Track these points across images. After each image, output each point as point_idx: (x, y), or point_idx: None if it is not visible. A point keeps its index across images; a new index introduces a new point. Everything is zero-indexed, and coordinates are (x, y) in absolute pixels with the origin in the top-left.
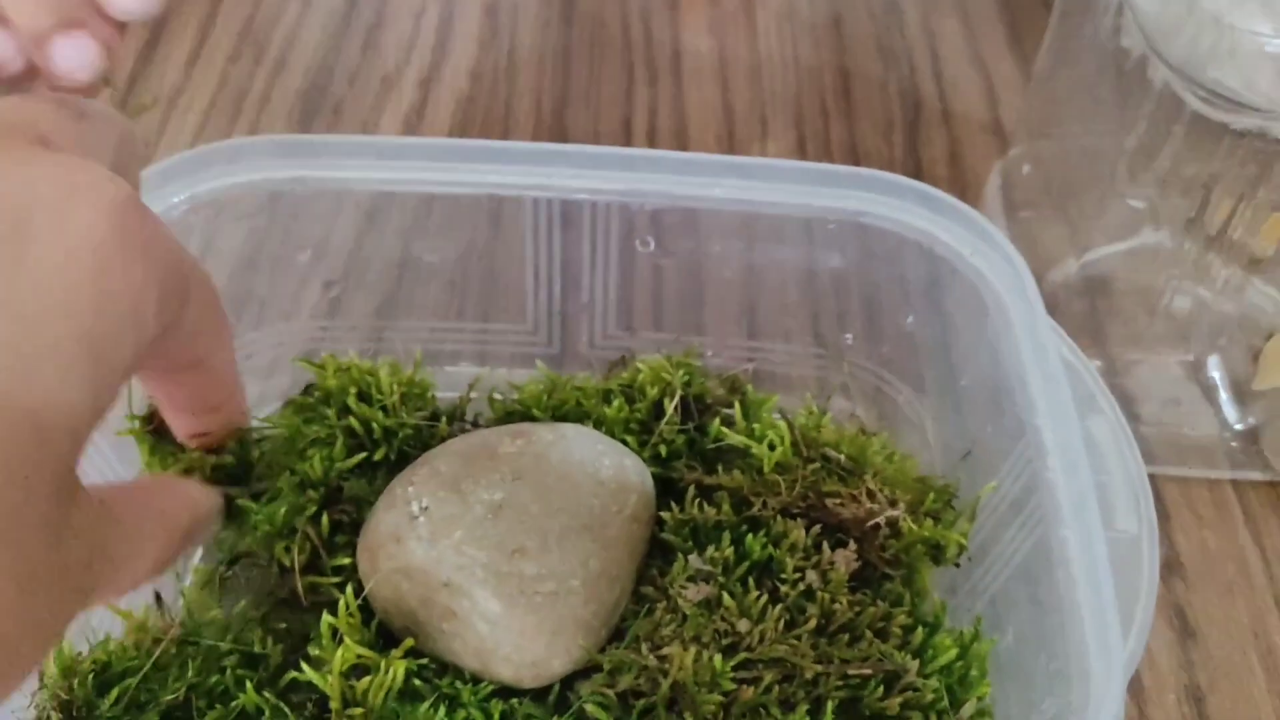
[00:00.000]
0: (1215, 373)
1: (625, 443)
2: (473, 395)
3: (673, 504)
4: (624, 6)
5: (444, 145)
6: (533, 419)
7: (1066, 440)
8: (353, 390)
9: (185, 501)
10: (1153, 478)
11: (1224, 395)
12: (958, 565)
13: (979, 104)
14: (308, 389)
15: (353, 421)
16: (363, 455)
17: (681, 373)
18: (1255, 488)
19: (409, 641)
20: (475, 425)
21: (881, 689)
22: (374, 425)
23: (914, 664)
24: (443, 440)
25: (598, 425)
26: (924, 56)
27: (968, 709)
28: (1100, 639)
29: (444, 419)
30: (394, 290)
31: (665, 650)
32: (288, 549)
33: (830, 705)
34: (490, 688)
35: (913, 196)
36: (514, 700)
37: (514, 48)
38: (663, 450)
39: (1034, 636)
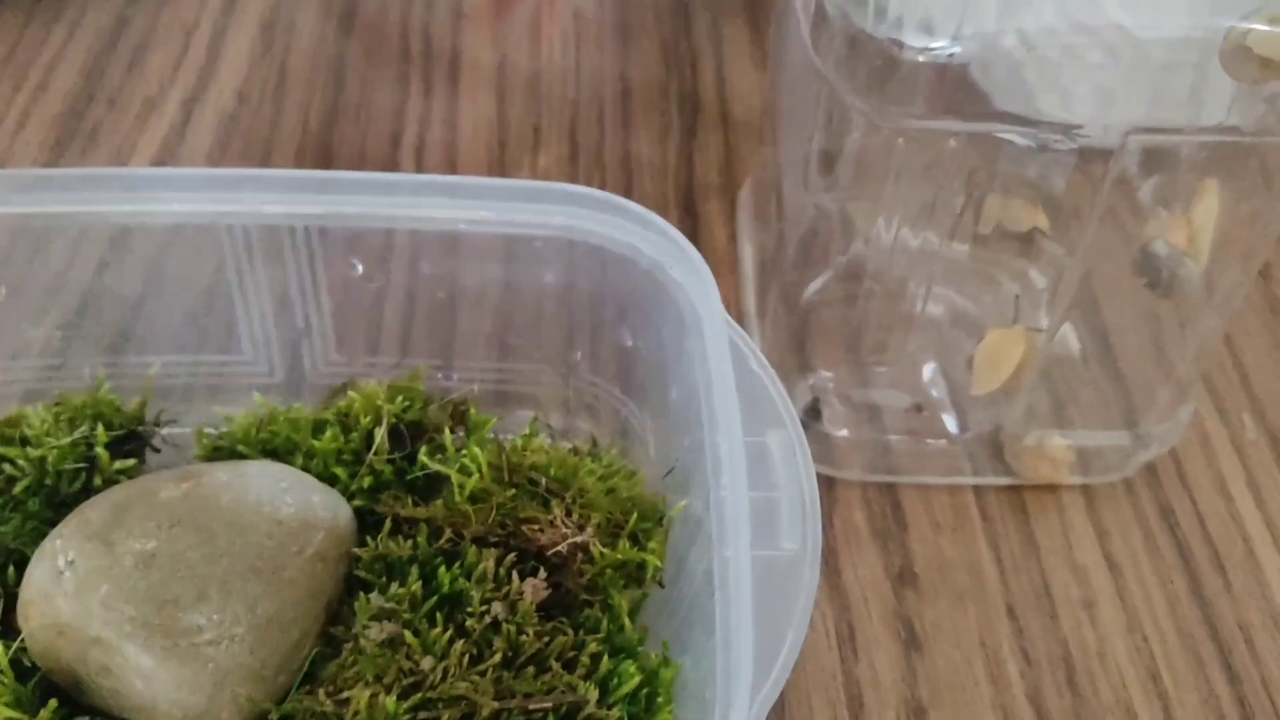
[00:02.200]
0: (944, 377)
1: (335, 475)
2: (170, 429)
3: (368, 539)
4: (406, 18)
5: (129, 175)
6: (239, 455)
7: (733, 458)
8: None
9: None
10: (894, 486)
11: (953, 400)
12: (661, 586)
13: (757, 107)
14: None
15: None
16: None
17: (400, 399)
18: (996, 492)
19: (54, 703)
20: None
21: None
22: (20, 462)
23: (595, 694)
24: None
25: (308, 457)
26: (708, 61)
27: None
28: (737, 667)
29: (104, 456)
30: (129, 326)
31: (345, 694)
32: None
33: None
34: None
35: (613, 210)
36: None
37: (286, 64)
38: (367, 482)
39: (703, 661)
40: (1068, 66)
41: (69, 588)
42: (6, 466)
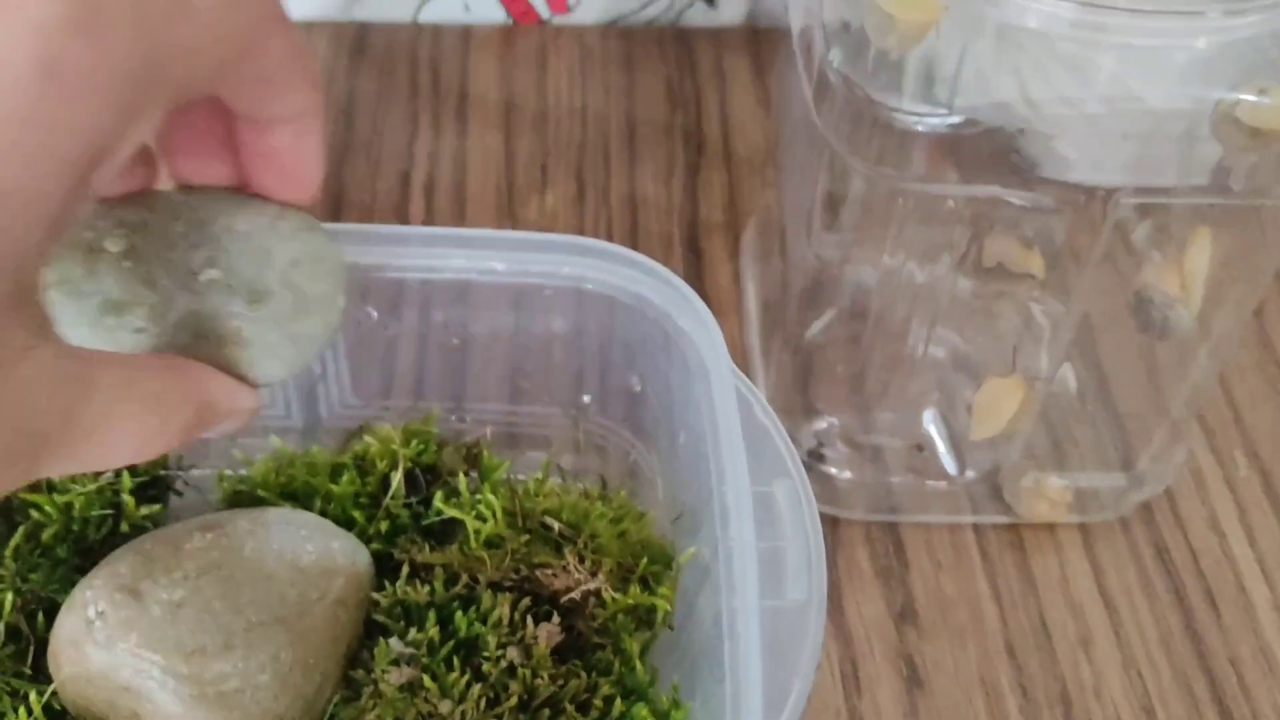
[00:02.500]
0: (944, 422)
1: (353, 519)
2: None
3: (386, 583)
4: (414, 55)
5: None
6: (259, 499)
7: (740, 509)
8: None
9: (193, 391)
10: (896, 526)
11: (953, 444)
12: (671, 629)
13: (760, 147)
14: None
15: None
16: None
17: (415, 443)
18: (995, 530)
19: None
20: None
21: None
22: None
23: None
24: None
25: (326, 501)
26: (712, 98)
27: None
28: (746, 716)
29: (130, 502)
30: None
31: None
32: None
33: None
34: None
35: (624, 261)
36: None
37: None
38: (383, 526)
39: (712, 706)
40: (1062, 133)
41: (99, 638)
42: (34, 513)
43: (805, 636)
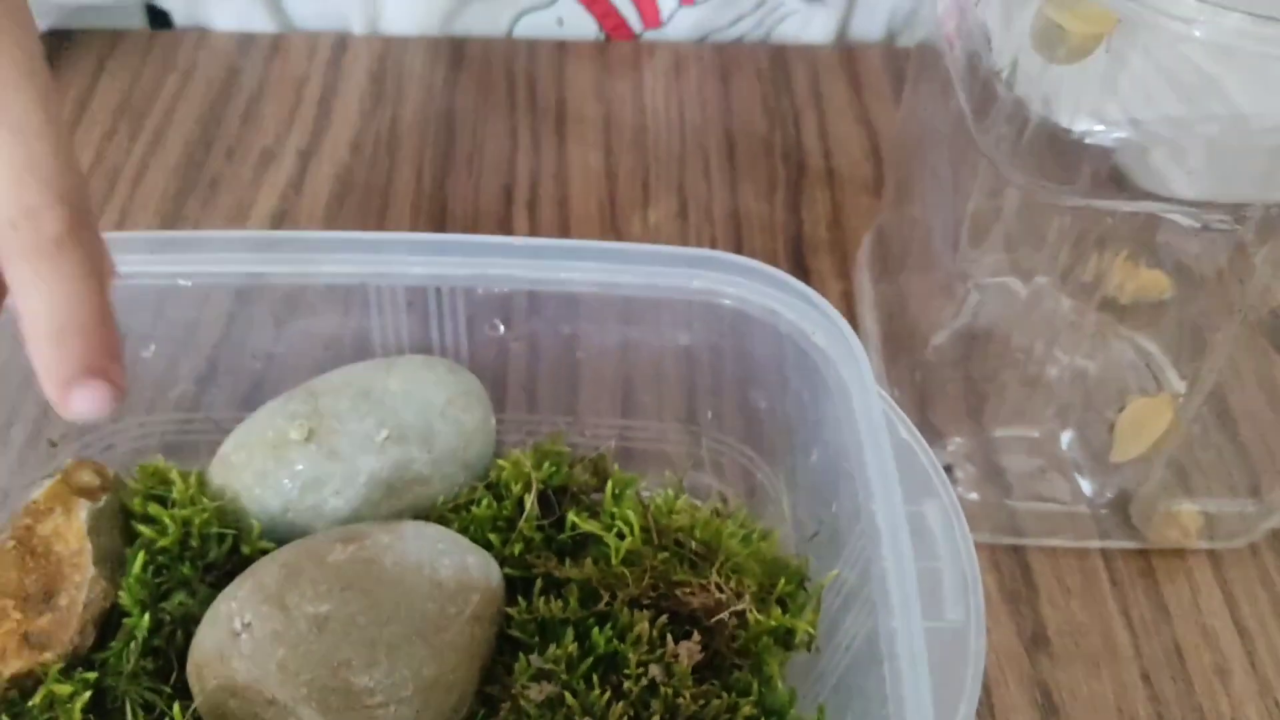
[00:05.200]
0: (1079, 443)
1: (489, 542)
2: None
3: (520, 599)
4: (510, 70)
5: (275, 238)
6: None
7: (895, 528)
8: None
9: None
10: (1022, 549)
11: (1087, 466)
12: (809, 650)
13: (863, 164)
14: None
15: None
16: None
17: (547, 464)
18: (1124, 556)
19: None
20: None
21: None
22: (166, 522)
23: None
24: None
25: (463, 528)
26: (810, 117)
27: None
28: None
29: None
30: (261, 379)
31: None
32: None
33: None
34: None
35: (759, 277)
36: None
37: (396, 116)
38: (517, 548)
39: None
40: (1194, 150)
41: (245, 650)
42: (144, 529)
43: (966, 657)
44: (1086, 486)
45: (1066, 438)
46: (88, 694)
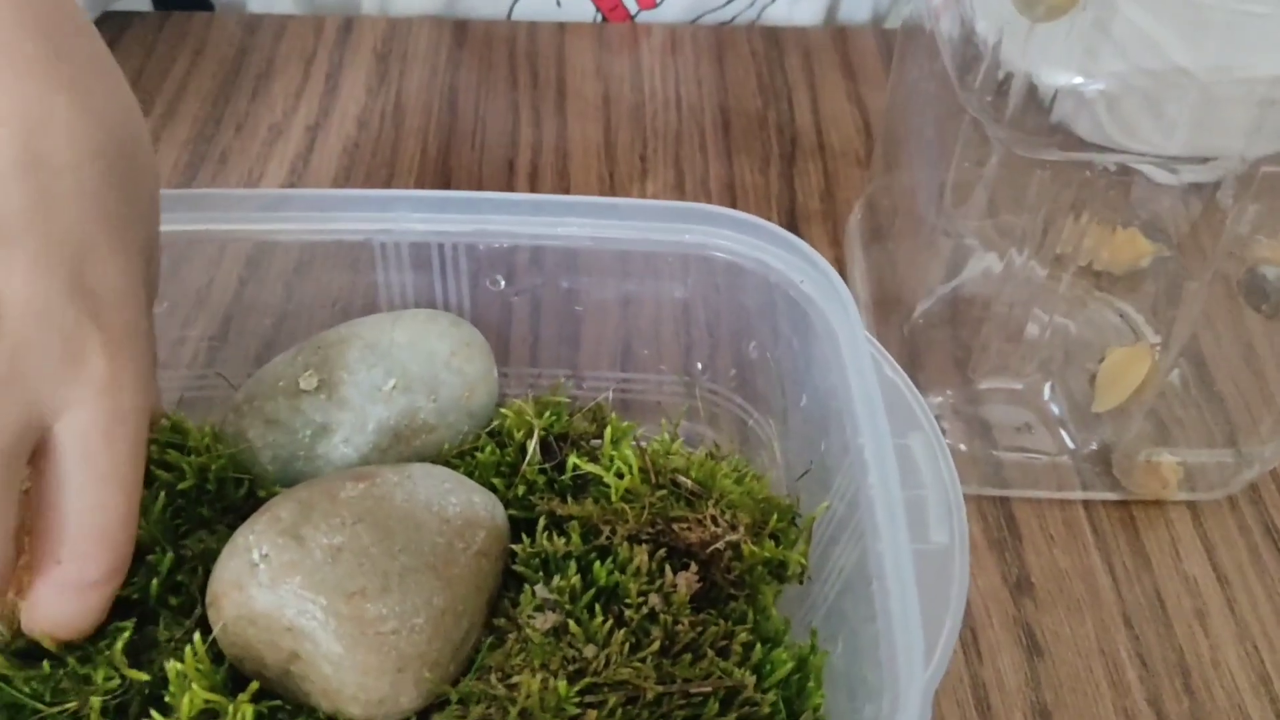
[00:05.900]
0: (1061, 396)
1: (494, 485)
2: None
3: (524, 536)
4: (511, 50)
5: (283, 196)
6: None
7: (882, 458)
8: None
9: None
10: (1007, 500)
11: (1069, 418)
12: (800, 583)
13: (854, 139)
14: None
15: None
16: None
17: (548, 413)
18: (1106, 507)
19: (254, 685)
20: None
21: (719, 705)
22: (184, 468)
23: (751, 679)
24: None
25: (470, 472)
26: (803, 94)
27: None
28: (905, 648)
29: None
30: (272, 338)
31: (515, 679)
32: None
33: None
34: None
35: (749, 229)
36: None
37: (401, 92)
38: (520, 490)
39: (859, 647)
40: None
41: (264, 579)
42: (161, 473)
43: (951, 577)
44: (1069, 439)
45: (1044, 388)
46: (126, 634)
